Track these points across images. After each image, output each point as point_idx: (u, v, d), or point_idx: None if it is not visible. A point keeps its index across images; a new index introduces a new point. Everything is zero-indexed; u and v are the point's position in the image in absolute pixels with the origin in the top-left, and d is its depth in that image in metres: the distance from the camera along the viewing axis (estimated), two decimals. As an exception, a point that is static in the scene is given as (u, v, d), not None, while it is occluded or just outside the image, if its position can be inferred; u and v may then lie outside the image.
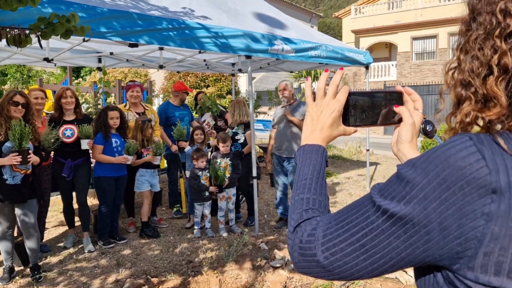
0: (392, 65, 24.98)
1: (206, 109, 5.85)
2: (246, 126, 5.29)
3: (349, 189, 7.56)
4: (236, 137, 5.33)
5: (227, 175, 5.00)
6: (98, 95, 5.45)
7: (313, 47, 5.82)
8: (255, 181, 5.05)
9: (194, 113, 6.72)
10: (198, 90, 13.39)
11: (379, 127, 1.01)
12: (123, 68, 15.49)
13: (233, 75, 9.03)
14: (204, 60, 6.68)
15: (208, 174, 5.04)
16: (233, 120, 5.38)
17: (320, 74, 12.05)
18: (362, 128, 0.95)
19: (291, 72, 10.39)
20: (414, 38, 24.40)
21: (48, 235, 5.18)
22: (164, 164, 6.54)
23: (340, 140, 14.03)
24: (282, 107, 5.38)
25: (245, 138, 5.30)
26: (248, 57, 4.93)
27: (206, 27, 4.35)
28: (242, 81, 17.72)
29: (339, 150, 12.22)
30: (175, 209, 6.02)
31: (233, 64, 8.35)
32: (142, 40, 3.72)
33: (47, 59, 4.70)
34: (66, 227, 5.08)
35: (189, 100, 12.62)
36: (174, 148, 5.68)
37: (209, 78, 12.90)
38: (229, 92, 13.36)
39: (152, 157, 4.96)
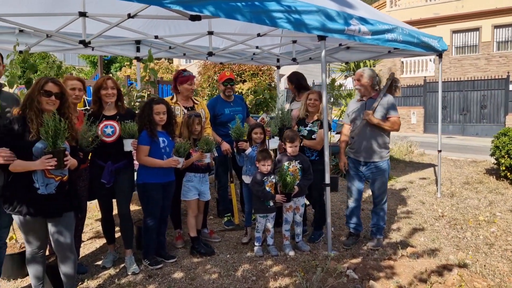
0: (430, 60, 23.60)
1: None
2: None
3: (416, 196, 6.59)
4: (312, 136, 4.46)
5: (296, 181, 4.15)
6: (143, 85, 4.69)
7: (390, 29, 4.89)
8: (328, 190, 4.18)
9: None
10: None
11: None
12: (152, 64, 14.82)
13: (278, 67, 8.16)
14: (257, 47, 5.83)
15: (273, 180, 4.19)
16: (316, 114, 4.51)
17: (371, 66, 10.99)
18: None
19: (346, 63, 9.27)
20: (454, 31, 23.00)
21: (84, 249, 4.43)
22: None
23: (387, 139, 12.99)
24: (359, 100, 4.48)
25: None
26: (322, 38, 4.06)
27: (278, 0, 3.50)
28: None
29: (388, 150, 11.18)
30: (225, 219, 5.20)
31: (278, 56, 7.48)
32: (206, 11, 2.89)
33: (83, 42, 3.95)
34: (104, 239, 4.35)
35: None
36: (226, 147, 4.85)
37: (245, 72, 12.06)
38: (267, 88, 12.53)
39: (200, 154, 4.13)
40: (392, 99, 4.42)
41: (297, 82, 5.22)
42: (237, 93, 11.18)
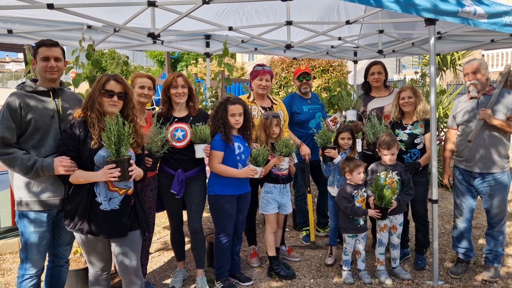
0: (517, 51, 21.28)
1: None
2: (427, 125, 3.68)
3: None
4: (415, 141, 3.74)
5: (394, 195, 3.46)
6: (217, 83, 4.24)
7: (507, 11, 3.96)
8: (435, 207, 3.44)
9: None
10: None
11: None
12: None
13: (355, 61, 7.38)
14: (339, 38, 5.14)
15: (365, 194, 3.53)
16: (415, 114, 3.79)
17: (458, 59, 9.67)
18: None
19: (437, 55, 7.97)
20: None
21: (151, 263, 4.05)
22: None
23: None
24: (471, 98, 3.66)
25: (424, 143, 3.71)
26: (432, 22, 3.33)
27: (381, -25, 2.83)
28: (350, 74, 15.60)
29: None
30: (304, 233, 4.61)
31: (355, 49, 6.71)
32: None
33: (152, 35, 3.54)
34: (171, 251, 3.94)
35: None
36: (306, 151, 4.19)
37: (315, 68, 11.37)
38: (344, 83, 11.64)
39: (277, 158, 3.55)
40: (515, 97, 3.57)
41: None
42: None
